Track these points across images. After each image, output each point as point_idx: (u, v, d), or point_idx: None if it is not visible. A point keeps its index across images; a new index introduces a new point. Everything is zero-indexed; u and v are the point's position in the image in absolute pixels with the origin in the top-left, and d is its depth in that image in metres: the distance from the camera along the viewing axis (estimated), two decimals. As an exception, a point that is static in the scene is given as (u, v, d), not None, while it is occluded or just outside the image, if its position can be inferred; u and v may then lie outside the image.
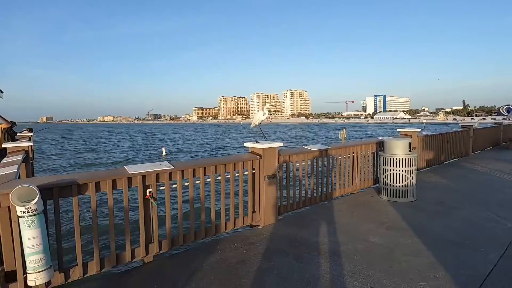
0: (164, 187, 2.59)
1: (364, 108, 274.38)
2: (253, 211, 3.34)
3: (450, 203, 4.09)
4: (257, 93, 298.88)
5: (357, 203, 4.20)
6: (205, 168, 2.85)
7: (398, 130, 6.05)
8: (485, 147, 9.73)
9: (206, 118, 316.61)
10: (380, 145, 5.11)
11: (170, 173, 2.60)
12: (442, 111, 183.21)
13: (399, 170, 4.16)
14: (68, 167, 21.83)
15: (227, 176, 3.09)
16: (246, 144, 3.41)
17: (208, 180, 2.91)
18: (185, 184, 2.77)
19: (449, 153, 7.42)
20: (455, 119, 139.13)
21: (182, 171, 2.68)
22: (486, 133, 9.84)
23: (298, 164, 3.77)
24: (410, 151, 4.25)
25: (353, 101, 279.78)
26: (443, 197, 4.41)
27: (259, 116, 3.47)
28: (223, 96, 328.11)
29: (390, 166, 4.22)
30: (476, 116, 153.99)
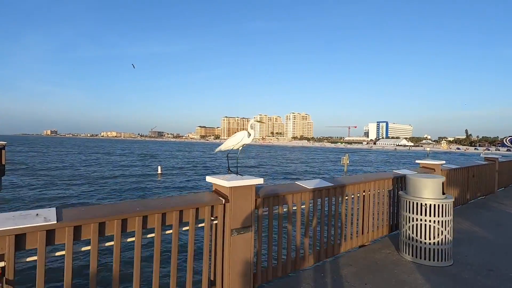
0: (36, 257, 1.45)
1: (366, 134, 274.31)
2: (211, 284, 2.16)
3: (503, 271, 2.88)
4: (260, 114, 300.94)
5: (370, 265, 2.99)
6: (125, 220, 1.71)
7: (417, 161, 4.91)
8: (509, 183, 8.51)
9: (209, 137, 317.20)
10: (399, 181, 3.96)
11: (47, 231, 1.47)
12: (444, 140, 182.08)
13: (430, 221, 2.98)
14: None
15: (167, 232, 1.94)
16: (209, 179, 2.28)
17: (130, 240, 1.77)
18: (83, 249, 1.63)
19: (474, 191, 6.22)
20: (458, 148, 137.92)
21: (75, 228, 1.54)
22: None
23: (286, 209, 2.62)
24: (443, 193, 3.09)
25: (355, 127, 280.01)
26: (489, 259, 3.18)
27: (239, 138, 2.38)
28: (226, 117, 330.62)
29: (416, 213, 3.04)
30: (479, 146, 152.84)
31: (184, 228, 2.01)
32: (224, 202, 2.11)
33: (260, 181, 2.26)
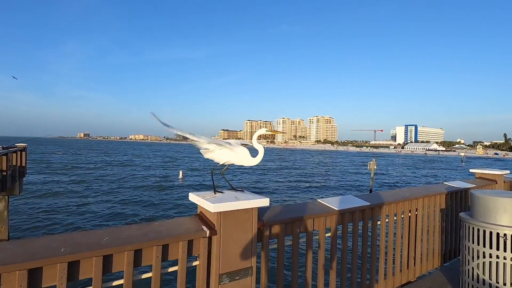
0: None
1: (393, 138, 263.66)
2: None
3: None
4: (282, 118, 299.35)
5: (421, 315, 2.16)
6: (37, 270, 1.07)
7: (471, 170, 3.96)
8: None
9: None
10: (454, 197, 3.07)
11: None
12: (480, 144, 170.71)
13: (509, 259, 2.10)
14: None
15: (115, 284, 1.26)
16: (193, 197, 1.59)
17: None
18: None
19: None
20: (496, 154, 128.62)
21: None
22: None
23: (304, 238, 1.87)
24: (531, 220, 2.20)
25: (381, 130, 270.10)
26: None
27: (224, 154, 1.64)
28: (248, 120, 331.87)
29: (490, 247, 2.17)
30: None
31: (145, 276, 1.33)
32: (208, 234, 1.41)
33: (264, 201, 1.53)
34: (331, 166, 47.93)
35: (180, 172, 29.70)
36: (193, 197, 1.57)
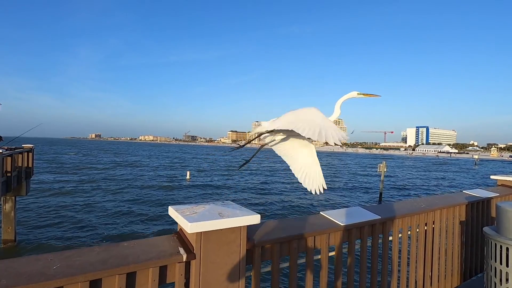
0: None
1: (404, 140, 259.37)
2: None
3: None
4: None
5: None
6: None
7: (492, 177, 3.63)
8: None
9: (240, 142, 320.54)
10: (475, 207, 2.76)
11: None
12: (495, 147, 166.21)
13: (547, 284, 1.80)
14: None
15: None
16: (172, 212, 1.36)
17: None
18: None
19: None
20: (511, 156, 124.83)
21: None
22: None
23: (304, 260, 1.62)
24: None
25: (392, 132, 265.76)
26: None
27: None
28: (257, 121, 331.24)
29: (522, 269, 1.88)
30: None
31: (106, 310, 1.10)
32: (186, 259, 1.18)
33: (254, 218, 1.29)
34: (339, 168, 47.25)
35: (188, 173, 29.67)
36: (172, 212, 1.34)
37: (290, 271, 1.54)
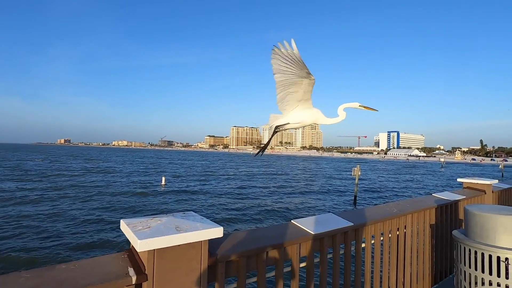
0: None
1: (377, 144, 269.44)
2: None
3: None
4: (267, 124, 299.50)
5: None
6: None
7: (459, 180, 3.74)
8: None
9: (218, 147, 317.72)
10: (444, 210, 2.80)
11: None
12: (459, 150, 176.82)
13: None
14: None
15: None
16: (123, 226, 1.20)
17: None
18: None
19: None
20: (473, 159, 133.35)
21: None
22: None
23: (273, 273, 1.51)
24: (534, 241, 1.93)
25: (365, 136, 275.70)
26: None
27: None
28: (235, 126, 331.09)
29: (490, 273, 1.89)
30: (496, 156, 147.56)
31: None
32: (135, 281, 1.03)
33: (215, 231, 1.17)
34: (316, 172, 48.03)
35: (163, 179, 28.82)
36: (123, 226, 1.19)
37: (258, 286, 1.43)
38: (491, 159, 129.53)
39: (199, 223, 1.20)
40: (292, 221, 1.77)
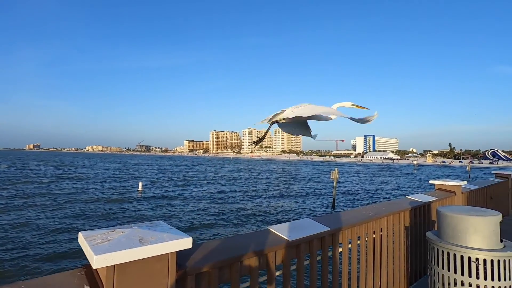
0: None
1: (354, 147, 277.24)
2: None
3: None
4: (248, 128, 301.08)
5: None
6: None
7: (431, 182, 3.86)
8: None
9: (197, 151, 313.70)
10: (418, 212, 2.86)
11: None
12: (430, 153, 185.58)
13: (482, 287, 1.86)
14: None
15: None
16: (81, 240, 1.09)
17: None
18: None
19: (492, 215, 5.21)
20: (443, 161, 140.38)
21: None
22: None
23: (248, 283, 1.44)
24: (502, 241, 1.99)
25: (343, 140, 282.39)
26: None
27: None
28: (215, 130, 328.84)
29: (462, 273, 1.92)
30: (463, 159, 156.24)
31: None
32: (91, 303, 0.93)
33: (184, 242, 1.08)
34: (295, 175, 48.51)
35: (140, 184, 27.93)
36: (80, 239, 1.07)
37: (234, 297, 1.35)
38: (459, 161, 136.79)
39: (167, 233, 1.11)
40: (268, 227, 1.72)
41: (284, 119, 1.98)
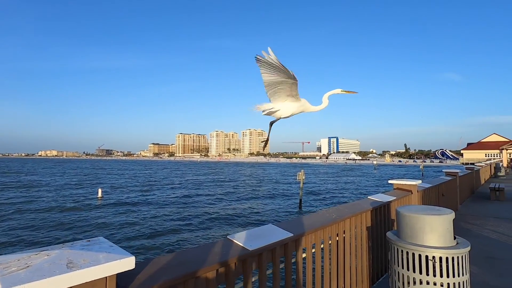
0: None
1: (319, 149, 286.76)
2: None
3: None
4: (216, 131, 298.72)
5: None
6: None
7: (390, 181, 4.00)
8: (465, 198, 8.26)
9: (163, 155, 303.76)
10: (378, 212, 2.92)
11: None
12: (388, 153, 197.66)
13: (441, 285, 1.91)
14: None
15: None
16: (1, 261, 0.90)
17: None
18: None
19: (443, 211, 5.57)
20: (400, 161, 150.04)
21: None
22: (467, 181, 8.45)
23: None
24: (455, 238, 2.07)
25: (308, 142, 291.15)
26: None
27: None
28: (181, 133, 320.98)
29: (420, 272, 1.96)
30: (417, 158, 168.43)
31: None
32: None
33: (126, 263, 0.94)
34: (263, 177, 48.85)
35: (99, 191, 26.26)
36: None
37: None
38: (414, 161, 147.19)
39: (104, 253, 0.95)
40: (228, 237, 1.61)
41: (275, 111, 2.32)
